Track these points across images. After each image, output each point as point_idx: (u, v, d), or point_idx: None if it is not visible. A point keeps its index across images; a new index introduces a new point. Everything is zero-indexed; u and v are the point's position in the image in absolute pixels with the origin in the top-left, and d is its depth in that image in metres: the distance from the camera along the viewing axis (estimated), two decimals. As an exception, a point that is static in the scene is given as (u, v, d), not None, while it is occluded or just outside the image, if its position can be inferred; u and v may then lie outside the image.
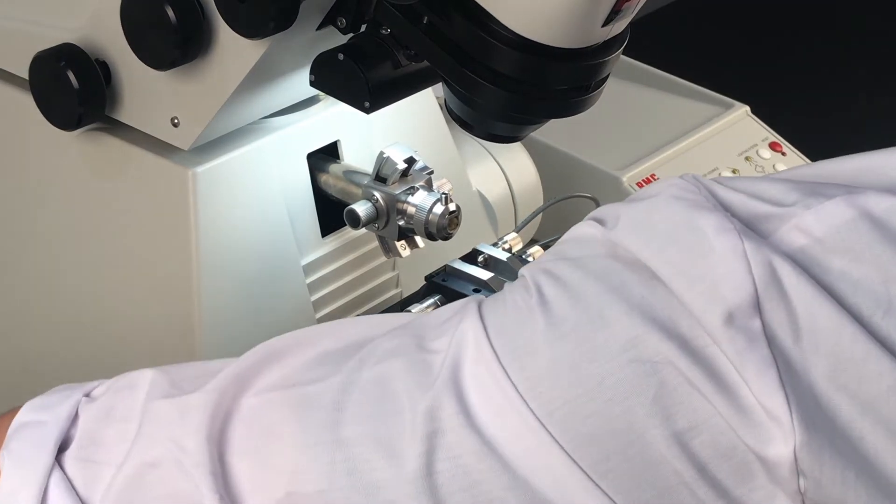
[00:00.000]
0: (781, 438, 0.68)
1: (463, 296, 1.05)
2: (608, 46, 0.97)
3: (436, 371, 0.74)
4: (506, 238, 1.14)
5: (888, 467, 0.68)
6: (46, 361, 1.18)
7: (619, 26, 0.96)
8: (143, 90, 1.06)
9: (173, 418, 0.78)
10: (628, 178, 1.43)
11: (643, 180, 1.44)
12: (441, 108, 1.19)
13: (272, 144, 1.11)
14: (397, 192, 1.07)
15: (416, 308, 1.05)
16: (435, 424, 0.72)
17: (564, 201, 1.25)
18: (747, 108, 1.57)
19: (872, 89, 3.56)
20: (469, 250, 1.11)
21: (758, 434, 0.68)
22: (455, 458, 0.71)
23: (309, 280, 1.13)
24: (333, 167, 1.13)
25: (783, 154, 1.53)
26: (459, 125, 1.03)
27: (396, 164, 1.07)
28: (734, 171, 1.48)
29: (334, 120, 1.15)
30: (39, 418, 0.83)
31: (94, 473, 0.79)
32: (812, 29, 3.83)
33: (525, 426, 0.71)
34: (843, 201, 0.71)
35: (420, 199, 1.06)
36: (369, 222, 1.07)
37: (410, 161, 1.08)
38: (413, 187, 1.07)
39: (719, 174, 1.48)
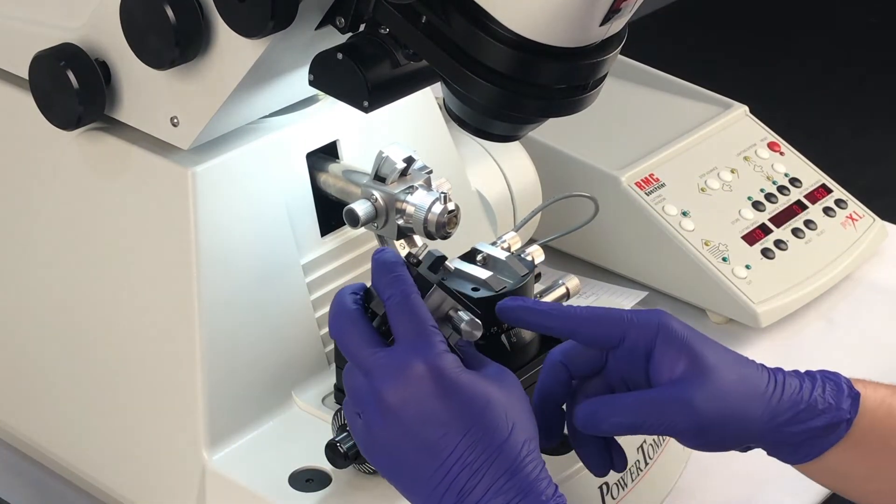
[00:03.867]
0: None
1: (462, 295, 1.05)
2: (606, 45, 0.97)
3: None
4: (504, 237, 1.14)
5: None
6: (46, 360, 1.19)
7: (617, 25, 0.96)
8: (143, 90, 1.06)
9: None
10: (627, 177, 1.44)
11: (642, 180, 1.44)
12: (440, 108, 1.19)
13: (271, 144, 1.11)
14: (396, 192, 1.07)
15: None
16: None
17: (563, 201, 1.25)
18: (746, 108, 1.57)
19: (870, 89, 3.56)
20: (468, 249, 1.11)
21: None
22: None
23: (308, 279, 1.13)
24: (332, 167, 1.14)
25: (781, 154, 1.53)
26: (458, 124, 1.04)
27: (395, 163, 1.07)
28: (733, 171, 1.49)
29: (333, 119, 1.15)
30: None
31: None
32: (811, 29, 3.83)
33: None
34: None
35: (419, 199, 1.06)
36: (368, 221, 1.07)
37: (409, 160, 1.08)
38: (412, 186, 1.07)
39: (718, 174, 1.48)
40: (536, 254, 1.14)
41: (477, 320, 0.95)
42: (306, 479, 1.06)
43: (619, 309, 0.98)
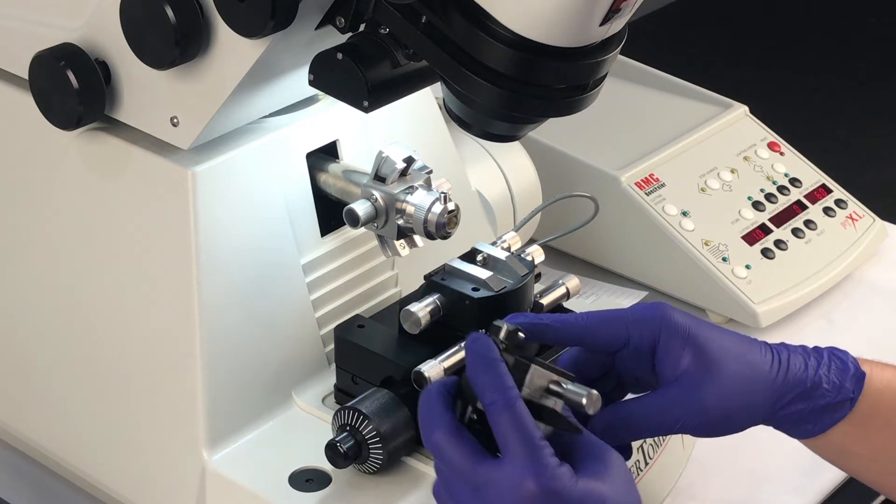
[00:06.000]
0: None
1: (462, 295, 1.05)
2: (606, 45, 0.97)
3: None
4: (504, 237, 1.14)
5: None
6: (46, 360, 1.19)
7: (617, 25, 0.96)
8: (143, 90, 1.06)
9: None
10: (627, 177, 1.44)
11: (642, 180, 1.44)
12: (440, 108, 1.19)
13: (271, 144, 1.11)
14: (396, 192, 1.07)
15: (415, 307, 1.05)
16: None
17: (563, 200, 1.25)
18: (746, 108, 1.57)
19: (871, 89, 3.56)
20: (468, 249, 1.11)
21: None
22: None
23: (308, 279, 1.13)
24: (332, 167, 1.14)
25: (781, 154, 1.53)
26: (458, 124, 1.04)
27: (395, 163, 1.07)
28: (733, 171, 1.49)
29: (333, 119, 1.15)
30: None
31: None
32: (811, 29, 3.83)
33: None
34: None
35: (419, 199, 1.06)
36: (368, 221, 1.07)
37: (409, 160, 1.08)
38: (412, 186, 1.07)
39: (718, 174, 1.48)
40: (536, 254, 1.14)
41: (594, 392, 0.92)
42: (306, 479, 1.06)
43: (619, 309, 0.98)
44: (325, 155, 1.14)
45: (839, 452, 0.99)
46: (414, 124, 1.21)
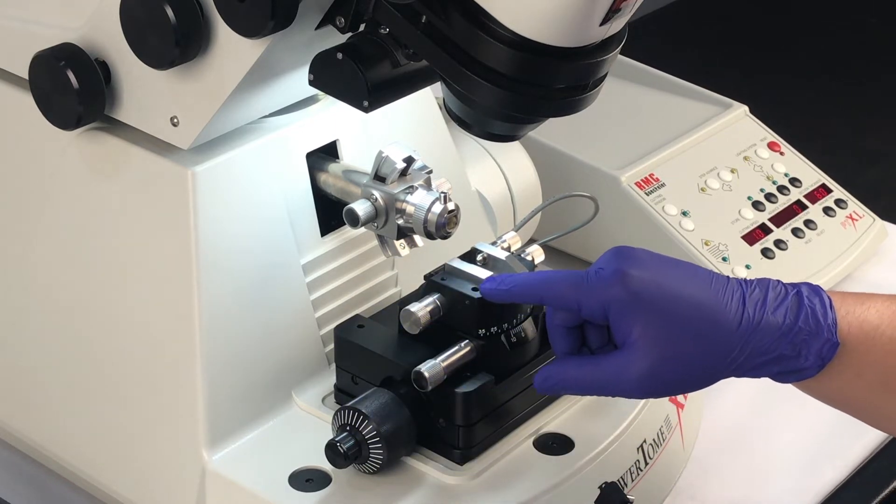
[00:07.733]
0: None
1: (462, 295, 1.05)
2: (606, 45, 0.97)
3: None
4: (504, 237, 1.14)
5: None
6: (46, 360, 1.19)
7: (617, 25, 0.96)
8: (143, 90, 1.06)
9: None
10: (627, 177, 1.44)
11: (642, 180, 1.44)
12: (440, 108, 1.19)
13: (271, 144, 1.11)
14: (396, 192, 1.07)
15: (415, 307, 1.05)
16: None
17: (563, 200, 1.25)
18: (746, 108, 1.57)
19: (870, 89, 3.56)
20: (468, 249, 1.11)
21: None
22: None
23: (308, 279, 1.13)
24: (332, 166, 1.14)
25: (781, 154, 1.53)
26: (458, 124, 1.04)
27: (395, 163, 1.07)
28: (733, 171, 1.49)
29: (333, 119, 1.15)
30: None
31: None
32: (811, 29, 3.83)
33: None
34: None
35: (419, 199, 1.07)
36: (368, 221, 1.07)
37: (409, 160, 1.08)
38: (412, 186, 1.07)
39: (718, 174, 1.48)
40: (536, 254, 1.14)
41: None
42: (306, 479, 1.06)
43: (578, 273, 1.00)
44: (325, 155, 1.15)
45: (808, 389, 1.00)
46: (414, 124, 1.21)
